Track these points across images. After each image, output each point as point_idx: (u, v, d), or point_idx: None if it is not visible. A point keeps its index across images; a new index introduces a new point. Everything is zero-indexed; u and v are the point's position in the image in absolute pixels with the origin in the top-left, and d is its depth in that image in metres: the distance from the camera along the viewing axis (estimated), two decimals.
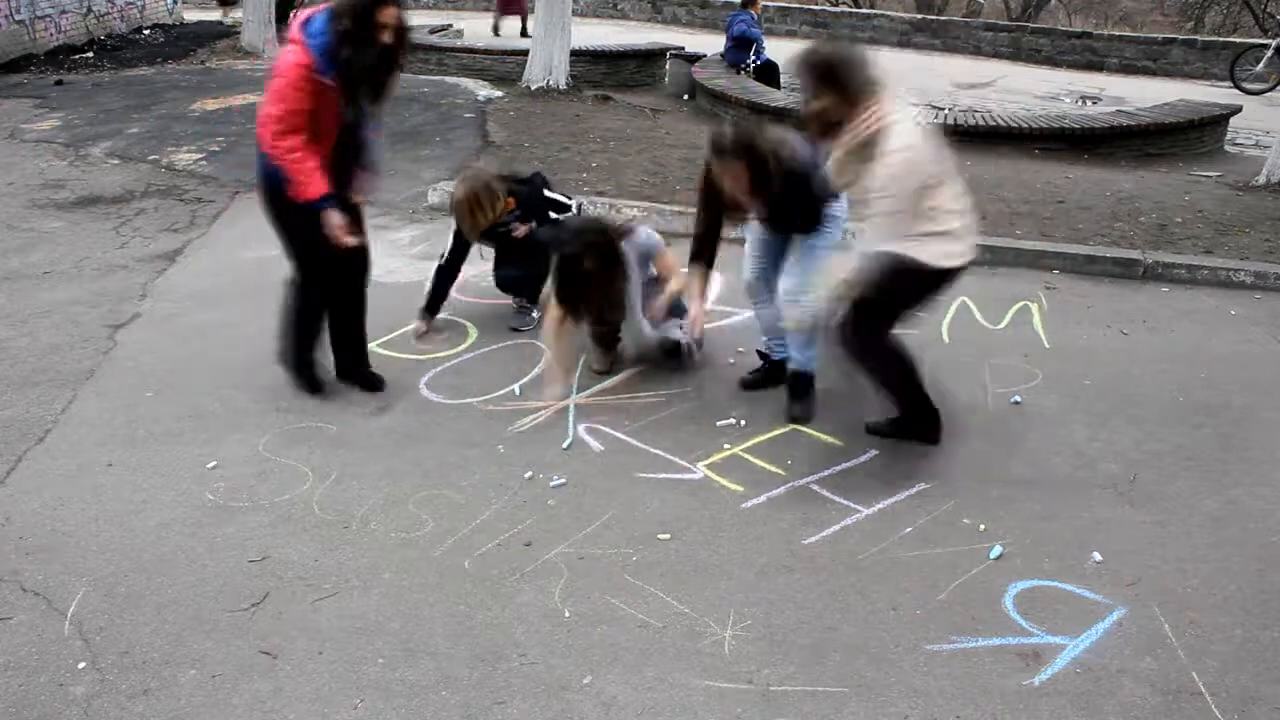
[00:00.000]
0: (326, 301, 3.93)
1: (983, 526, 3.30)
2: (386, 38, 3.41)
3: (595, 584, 2.97)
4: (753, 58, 11.60)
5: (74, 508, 3.29)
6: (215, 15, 16.89)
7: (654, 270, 4.27)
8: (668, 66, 13.20)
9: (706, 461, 3.65)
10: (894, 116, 3.25)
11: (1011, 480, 3.60)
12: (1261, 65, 13.90)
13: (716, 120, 10.33)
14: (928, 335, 4.86)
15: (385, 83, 3.57)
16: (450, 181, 6.96)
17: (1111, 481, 3.62)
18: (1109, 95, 13.31)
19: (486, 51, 12.53)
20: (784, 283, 3.83)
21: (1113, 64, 16.14)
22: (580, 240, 3.95)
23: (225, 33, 13.69)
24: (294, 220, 3.65)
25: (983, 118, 9.62)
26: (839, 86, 3.24)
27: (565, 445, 3.75)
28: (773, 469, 3.62)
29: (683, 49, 13.54)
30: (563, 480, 3.50)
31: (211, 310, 4.95)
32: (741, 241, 4.18)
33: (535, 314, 4.66)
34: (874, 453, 3.75)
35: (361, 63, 3.40)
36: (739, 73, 11.43)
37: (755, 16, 11.88)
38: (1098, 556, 3.15)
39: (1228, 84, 13.99)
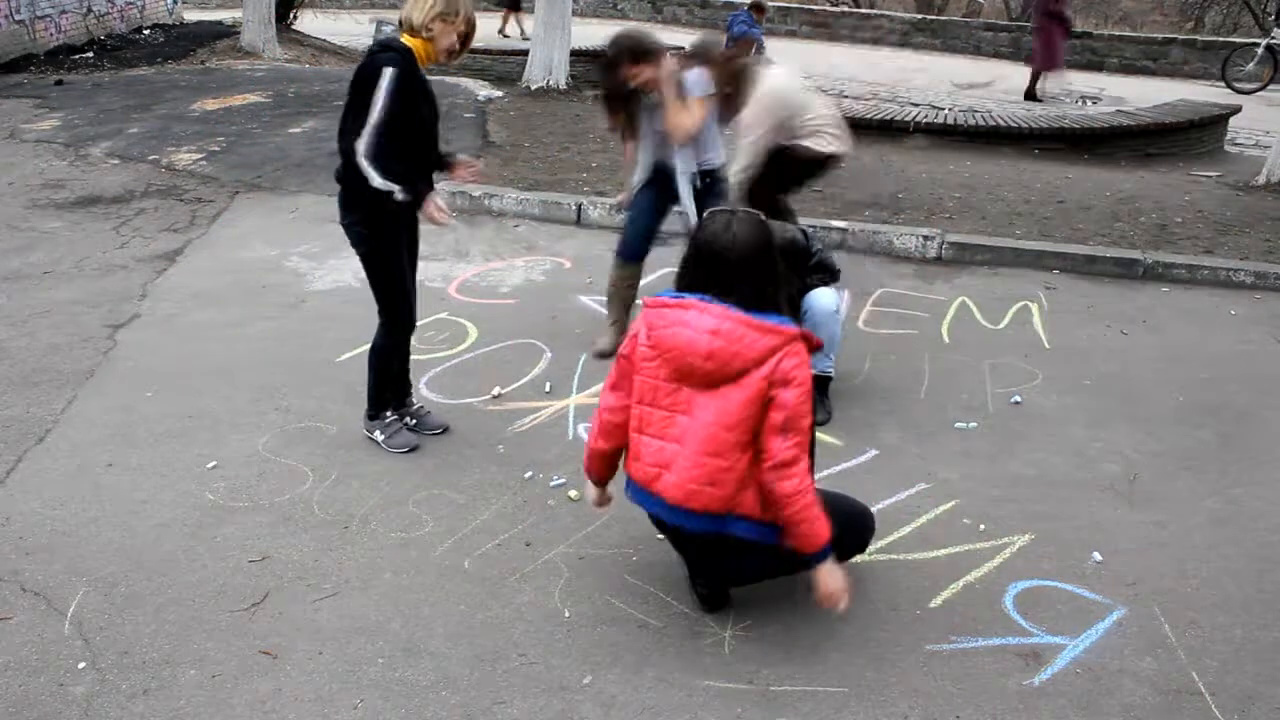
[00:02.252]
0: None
1: (982, 526, 3.30)
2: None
3: (595, 584, 2.97)
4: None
5: (74, 508, 3.29)
6: (221, 15, 16.82)
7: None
8: None
9: None
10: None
11: (1011, 480, 3.60)
12: (1252, 64, 13.92)
13: None
14: (928, 335, 4.86)
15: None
16: (450, 181, 6.96)
17: (1111, 481, 3.62)
18: (1109, 95, 13.31)
19: (486, 51, 12.55)
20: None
21: (1113, 64, 16.15)
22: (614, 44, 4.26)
23: (225, 33, 13.69)
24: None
25: (983, 118, 9.63)
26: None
27: (570, 438, 3.77)
28: None
29: (683, 49, 13.54)
30: (563, 480, 3.50)
31: (211, 310, 4.95)
32: None
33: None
34: (874, 452, 3.75)
35: None
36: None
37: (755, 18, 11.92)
38: (1098, 556, 3.15)
39: (1223, 84, 14.01)
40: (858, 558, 3.08)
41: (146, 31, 14.04)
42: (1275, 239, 6.29)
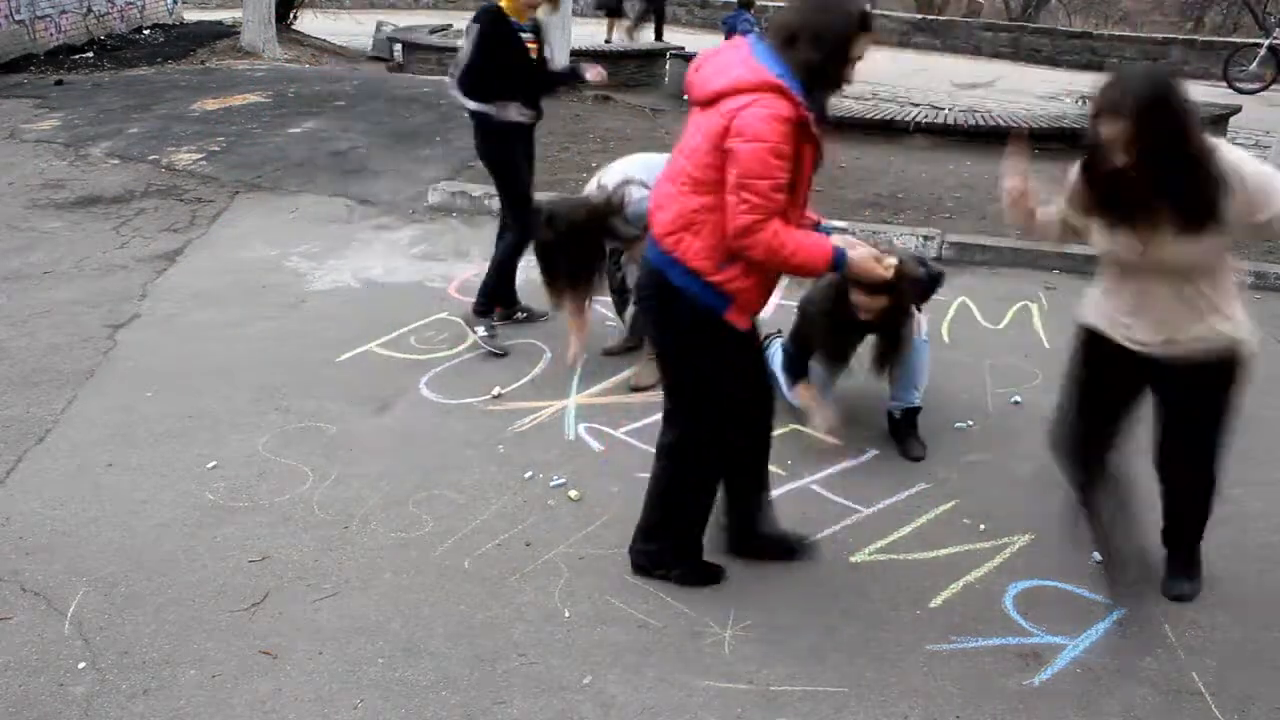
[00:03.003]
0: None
1: (983, 526, 3.30)
2: None
3: (595, 584, 2.97)
4: None
5: (74, 508, 3.29)
6: (222, 15, 16.79)
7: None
8: (668, 66, 13.21)
9: None
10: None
11: (1011, 480, 3.60)
12: (1254, 65, 13.94)
13: None
14: (928, 335, 4.85)
15: None
16: (450, 181, 6.97)
17: None
18: None
19: None
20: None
21: (1113, 64, 16.12)
22: (553, 218, 3.94)
23: (225, 33, 13.69)
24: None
25: (983, 118, 9.62)
26: None
27: (570, 438, 3.77)
28: (773, 469, 3.60)
29: (683, 49, 13.54)
30: (563, 480, 3.50)
31: (211, 310, 4.95)
32: None
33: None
34: (874, 453, 3.75)
35: None
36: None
37: (755, 18, 11.94)
38: (1098, 556, 3.15)
39: (1224, 84, 14.02)
40: (856, 557, 3.09)
41: (146, 31, 14.04)
42: (1275, 239, 6.28)
